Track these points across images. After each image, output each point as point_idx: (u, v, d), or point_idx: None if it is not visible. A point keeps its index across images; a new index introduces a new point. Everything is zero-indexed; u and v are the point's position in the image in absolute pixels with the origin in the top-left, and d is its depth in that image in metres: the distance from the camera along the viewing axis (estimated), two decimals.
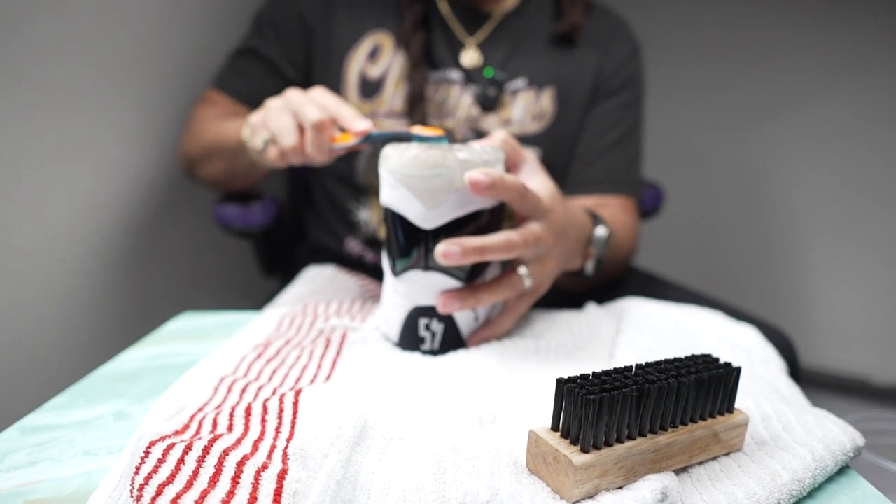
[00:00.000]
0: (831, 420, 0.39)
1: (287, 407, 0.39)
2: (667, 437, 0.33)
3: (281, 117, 0.58)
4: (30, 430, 0.41)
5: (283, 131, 0.57)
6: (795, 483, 0.33)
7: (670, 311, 0.59)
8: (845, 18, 1.42)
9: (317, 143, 0.56)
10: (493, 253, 0.47)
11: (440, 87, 0.79)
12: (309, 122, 0.55)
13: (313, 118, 0.55)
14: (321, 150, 0.56)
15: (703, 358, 0.37)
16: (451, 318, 0.50)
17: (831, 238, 1.53)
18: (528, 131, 0.79)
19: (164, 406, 0.41)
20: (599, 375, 0.33)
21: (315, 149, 0.56)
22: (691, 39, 1.59)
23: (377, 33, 0.79)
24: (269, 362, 0.49)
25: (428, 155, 0.46)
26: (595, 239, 0.61)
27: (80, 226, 0.83)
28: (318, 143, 0.56)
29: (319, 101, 0.57)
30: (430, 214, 0.47)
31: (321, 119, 0.55)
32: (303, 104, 0.56)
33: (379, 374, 0.46)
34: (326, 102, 0.57)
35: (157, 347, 0.56)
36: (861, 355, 1.52)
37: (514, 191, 0.47)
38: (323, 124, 0.55)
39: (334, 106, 0.56)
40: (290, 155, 0.58)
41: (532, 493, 0.31)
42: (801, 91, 1.50)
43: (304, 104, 0.56)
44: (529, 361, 0.49)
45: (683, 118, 1.61)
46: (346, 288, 0.71)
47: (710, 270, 1.63)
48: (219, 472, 0.31)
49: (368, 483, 0.32)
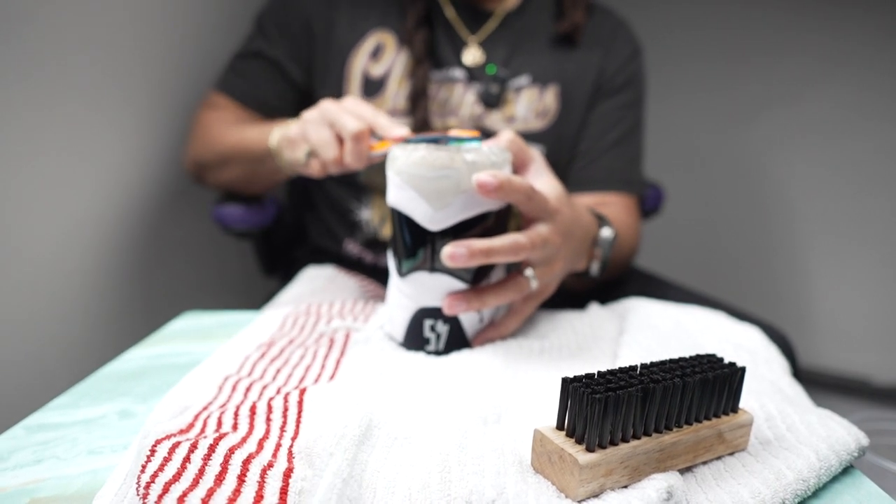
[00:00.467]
0: (835, 420, 0.40)
1: (292, 406, 0.39)
2: (672, 437, 0.33)
3: (320, 130, 0.58)
4: (35, 428, 0.41)
5: (323, 144, 0.58)
6: (800, 483, 0.33)
7: (672, 311, 0.60)
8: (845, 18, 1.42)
9: (356, 153, 0.56)
10: (500, 255, 0.47)
11: (443, 85, 0.79)
12: (348, 132, 0.56)
13: (352, 129, 0.55)
14: (360, 159, 0.57)
15: (708, 358, 0.37)
16: (457, 319, 0.50)
17: (831, 238, 1.53)
18: (531, 128, 0.79)
19: (169, 405, 0.41)
20: (604, 375, 0.33)
21: (354, 159, 0.57)
22: (691, 39, 1.60)
23: (380, 32, 0.79)
24: (273, 361, 0.49)
25: (435, 156, 0.46)
26: (601, 240, 0.61)
27: (82, 226, 0.83)
28: (358, 153, 0.56)
29: (356, 111, 0.57)
30: (436, 216, 0.47)
31: (360, 129, 0.55)
32: (339, 115, 0.57)
33: (383, 374, 0.46)
34: (362, 112, 0.57)
35: (161, 347, 0.56)
36: (861, 355, 1.53)
37: (521, 193, 0.47)
38: (362, 134, 0.56)
39: (370, 115, 0.57)
40: (330, 166, 0.59)
41: (537, 491, 0.31)
42: (802, 91, 1.50)
43: (340, 115, 0.57)
44: (534, 361, 0.49)
45: (684, 118, 1.61)
46: (346, 288, 0.71)
47: (710, 270, 1.63)
48: (224, 470, 0.31)
49: (374, 481, 0.32)
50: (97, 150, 0.85)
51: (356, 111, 0.58)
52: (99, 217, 0.86)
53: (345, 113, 0.57)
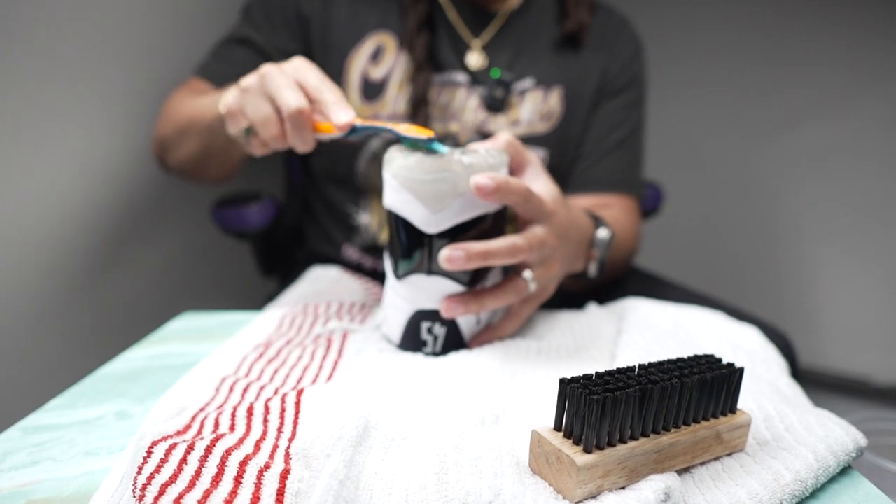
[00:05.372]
0: (833, 420, 0.39)
1: (289, 407, 0.39)
2: (669, 438, 0.33)
3: (258, 104, 0.52)
4: (31, 430, 0.41)
5: (262, 121, 0.52)
6: (798, 483, 0.33)
7: (671, 311, 0.59)
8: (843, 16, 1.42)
9: (297, 136, 0.51)
10: (498, 258, 0.47)
11: (445, 89, 0.78)
12: (287, 109, 0.49)
13: (291, 106, 0.49)
14: (303, 141, 0.52)
15: (706, 358, 0.37)
16: (454, 321, 0.50)
17: (831, 237, 1.53)
18: (536, 131, 0.79)
19: (166, 406, 0.41)
20: (602, 376, 0.33)
21: (297, 142, 0.52)
22: (691, 39, 1.60)
23: (380, 34, 0.78)
24: (271, 362, 0.49)
25: (433, 159, 0.45)
26: (597, 241, 0.61)
27: (81, 226, 0.83)
28: (300, 134, 0.51)
29: (300, 80, 0.51)
30: (433, 219, 0.46)
31: (299, 108, 0.49)
32: (280, 87, 0.50)
33: (380, 375, 0.46)
34: (307, 82, 0.51)
35: (158, 347, 0.56)
36: (861, 355, 1.53)
37: (518, 194, 0.47)
38: (302, 113, 0.50)
39: (315, 88, 0.51)
40: (273, 144, 0.54)
41: (535, 493, 0.31)
42: (801, 91, 1.50)
43: (281, 87, 0.50)
44: (531, 362, 0.49)
45: (684, 118, 1.61)
46: (349, 289, 0.71)
47: (710, 270, 1.63)
48: (221, 471, 0.31)
49: (371, 483, 0.32)
50: (97, 150, 0.85)
51: (301, 80, 0.51)
52: (98, 217, 0.86)
53: (284, 85, 0.50)
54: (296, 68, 0.52)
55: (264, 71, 0.52)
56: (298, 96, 0.50)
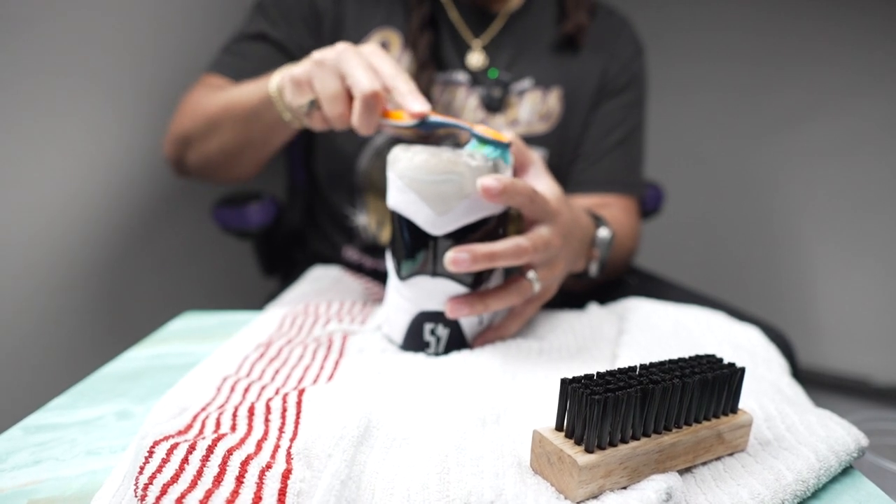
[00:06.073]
0: (835, 420, 0.39)
1: (290, 406, 0.39)
2: (671, 438, 0.33)
3: (328, 79, 0.51)
4: (33, 429, 0.41)
5: (330, 97, 0.51)
6: (799, 483, 0.33)
7: (672, 311, 0.59)
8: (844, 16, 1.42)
9: (365, 119, 0.50)
10: (504, 259, 0.47)
11: (446, 88, 0.78)
12: (359, 91, 0.49)
13: (364, 88, 0.48)
14: (369, 126, 0.51)
15: (708, 358, 0.37)
16: (457, 322, 0.50)
17: (832, 238, 1.53)
18: (535, 131, 0.79)
19: (167, 406, 0.41)
20: (604, 376, 0.33)
21: (362, 124, 0.51)
22: (692, 39, 1.60)
23: (385, 30, 0.78)
24: (272, 362, 0.49)
25: (439, 160, 0.45)
26: (599, 241, 0.61)
27: (81, 226, 0.83)
28: (368, 117, 0.50)
29: (375, 65, 0.50)
30: (439, 220, 0.46)
31: (373, 91, 0.49)
32: (355, 67, 0.49)
33: (382, 375, 0.46)
34: (382, 68, 0.50)
35: (159, 347, 0.56)
36: (861, 355, 1.53)
37: (524, 195, 0.47)
38: (375, 97, 0.49)
39: (390, 74, 0.50)
40: (334, 122, 0.53)
41: (536, 493, 0.31)
42: (800, 91, 1.50)
43: (355, 67, 0.49)
44: (532, 362, 0.49)
45: (684, 118, 1.62)
46: (350, 289, 0.71)
47: (710, 270, 1.63)
48: (223, 471, 0.31)
49: (372, 483, 0.32)
50: (98, 150, 0.85)
51: (376, 65, 0.50)
52: (98, 216, 0.86)
53: (361, 66, 0.49)
54: (371, 52, 0.52)
55: (341, 48, 0.51)
56: (373, 79, 0.49)
